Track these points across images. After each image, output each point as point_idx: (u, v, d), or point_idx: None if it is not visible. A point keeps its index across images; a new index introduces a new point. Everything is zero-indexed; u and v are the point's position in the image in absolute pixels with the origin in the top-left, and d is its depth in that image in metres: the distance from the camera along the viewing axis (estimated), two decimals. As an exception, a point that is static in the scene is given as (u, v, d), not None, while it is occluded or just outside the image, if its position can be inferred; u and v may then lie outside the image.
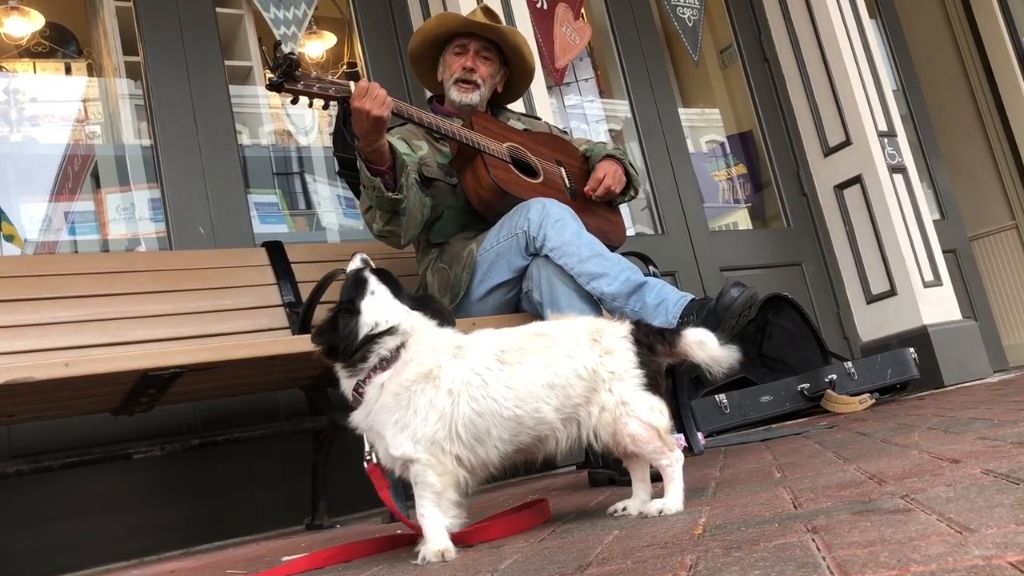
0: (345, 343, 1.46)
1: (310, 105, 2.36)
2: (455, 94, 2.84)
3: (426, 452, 1.40)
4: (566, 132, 3.26)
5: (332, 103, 2.40)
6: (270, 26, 3.94)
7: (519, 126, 2.95)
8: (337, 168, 2.66)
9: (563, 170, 2.87)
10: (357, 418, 1.49)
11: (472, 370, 1.45)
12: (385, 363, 1.45)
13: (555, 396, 1.45)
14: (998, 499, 0.97)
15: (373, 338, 1.46)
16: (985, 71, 6.32)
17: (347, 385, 1.50)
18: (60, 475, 2.72)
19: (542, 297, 2.41)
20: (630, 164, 2.97)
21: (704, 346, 1.52)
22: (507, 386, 1.44)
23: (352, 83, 2.37)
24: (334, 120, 2.60)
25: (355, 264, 1.58)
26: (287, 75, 2.27)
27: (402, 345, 1.46)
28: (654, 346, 1.51)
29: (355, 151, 2.43)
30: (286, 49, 2.31)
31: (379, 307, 1.50)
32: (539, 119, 3.22)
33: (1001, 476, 1.12)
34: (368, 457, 1.52)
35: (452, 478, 1.41)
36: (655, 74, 4.94)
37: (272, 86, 2.30)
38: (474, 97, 2.84)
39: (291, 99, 2.34)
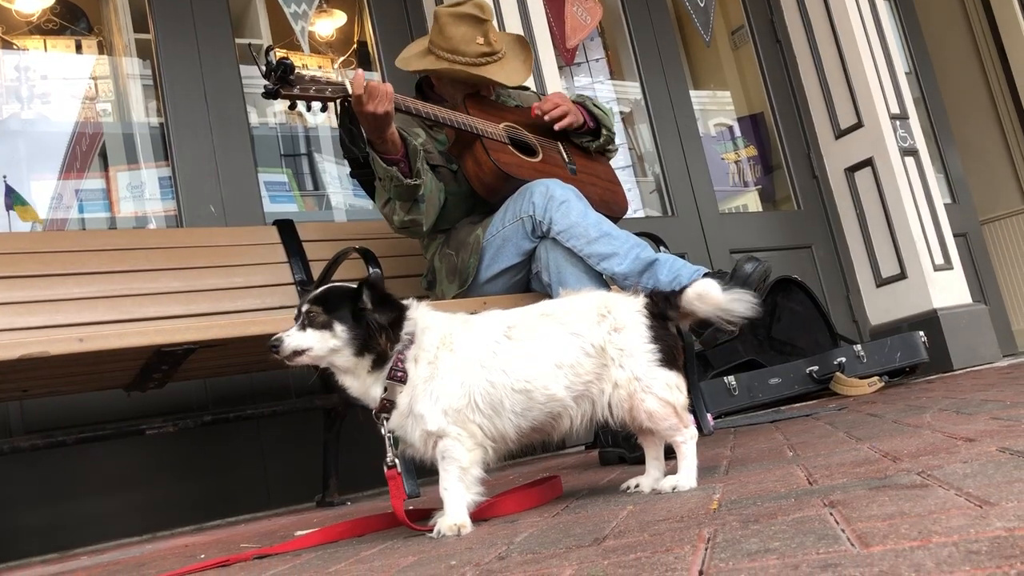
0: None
1: (308, 109, 2.32)
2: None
3: (455, 423, 1.41)
4: None
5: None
6: (280, 4, 3.92)
7: (511, 102, 2.91)
8: (349, 171, 2.63)
9: (560, 144, 2.85)
10: (403, 403, 1.44)
11: (481, 341, 1.46)
12: (409, 339, 1.46)
13: (564, 375, 1.45)
14: (1017, 475, 0.97)
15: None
16: (999, 54, 6.26)
17: (375, 383, 1.46)
18: (74, 450, 2.74)
19: (551, 279, 2.41)
20: (596, 105, 2.90)
21: (704, 298, 1.48)
22: (516, 360, 1.45)
23: (347, 81, 2.31)
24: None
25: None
26: (283, 80, 2.23)
27: (413, 320, 1.48)
28: (666, 313, 1.49)
29: (364, 147, 2.41)
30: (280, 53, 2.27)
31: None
32: (527, 89, 3.14)
33: (1018, 453, 1.12)
34: (391, 462, 1.48)
35: (480, 454, 1.43)
36: (666, 55, 4.91)
37: (268, 94, 2.25)
38: None
39: (289, 104, 2.29)
